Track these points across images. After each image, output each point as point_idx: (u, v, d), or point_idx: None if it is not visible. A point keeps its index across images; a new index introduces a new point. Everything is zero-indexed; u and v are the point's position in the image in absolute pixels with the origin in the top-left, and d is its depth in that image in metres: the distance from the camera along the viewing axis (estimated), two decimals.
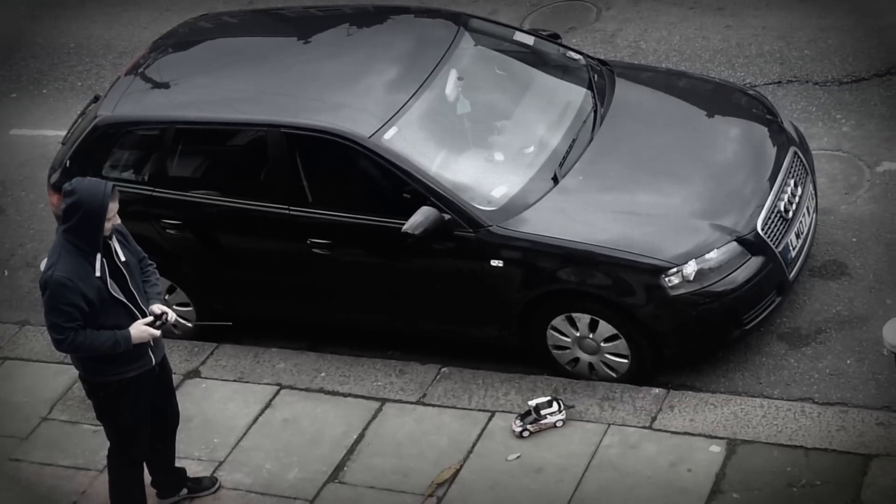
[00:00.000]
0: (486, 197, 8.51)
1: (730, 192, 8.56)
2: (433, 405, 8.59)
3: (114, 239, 7.34)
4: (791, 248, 8.56)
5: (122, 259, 7.36)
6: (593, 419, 8.24)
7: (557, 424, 8.13)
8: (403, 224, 8.34)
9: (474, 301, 8.64)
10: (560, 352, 8.64)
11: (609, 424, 8.18)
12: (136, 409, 7.59)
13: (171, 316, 7.49)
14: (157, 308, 7.45)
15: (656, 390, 8.37)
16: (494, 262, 8.41)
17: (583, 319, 8.43)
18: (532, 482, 7.92)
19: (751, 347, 8.63)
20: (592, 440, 8.09)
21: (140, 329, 7.33)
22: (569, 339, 8.55)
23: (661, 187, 8.59)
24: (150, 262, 7.69)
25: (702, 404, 8.20)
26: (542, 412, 8.14)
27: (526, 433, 8.09)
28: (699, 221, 8.36)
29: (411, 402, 8.64)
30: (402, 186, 8.50)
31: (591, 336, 8.47)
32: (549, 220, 8.42)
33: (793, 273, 8.59)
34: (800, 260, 8.67)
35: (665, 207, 8.44)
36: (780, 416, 8.02)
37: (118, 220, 7.31)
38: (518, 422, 8.14)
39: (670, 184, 8.61)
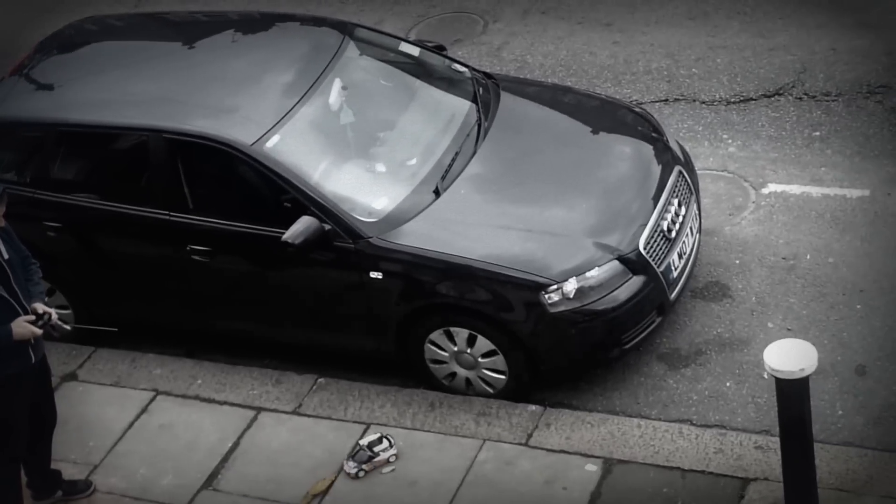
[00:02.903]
0: (367, 208, 8.41)
1: (613, 209, 8.53)
2: (309, 415, 8.50)
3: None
4: (673, 268, 8.55)
5: (6, 257, 7.29)
6: (469, 434, 8.16)
7: (391, 460, 8.00)
8: (284, 233, 8.21)
9: (353, 312, 8.54)
10: (437, 366, 8.55)
11: (485, 440, 8.11)
12: (14, 406, 7.47)
13: (54, 316, 7.38)
14: (40, 307, 7.37)
15: (533, 407, 8.31)
16: (374, 274, 8.31)
17: (461, 334, 8.35)
18: (406, 495, 7.83)
19: (630, 367, 8.61)
20: (468, 455, 8.02)
21: (21, 326, 7.24)
22: (446, 354, 8.47)
23: (544, 203, 8.54)
24: (34, 261, 7.61)
25: (578, 423, 8.16)
26: (375, 449, 8.02)
27: (361, 473, 7.95)
28: (581, 239, 8.32)
29: (287, 412, 8.55)
30: (283, 195, 8.39)
31: (468, 351, 8.40)
32: (429, 233, 8.33)
33: (674, 293, 8.57)
34: (681, 280, 8.66)
35: (547, 224, 8.39)
36: (658, 437, 7.99)
37: (3, 222, 7.28)
38: (351, 463, 7.99)
39: (553, 200, 8.56)
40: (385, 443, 8.05)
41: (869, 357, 8.36)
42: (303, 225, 8.24)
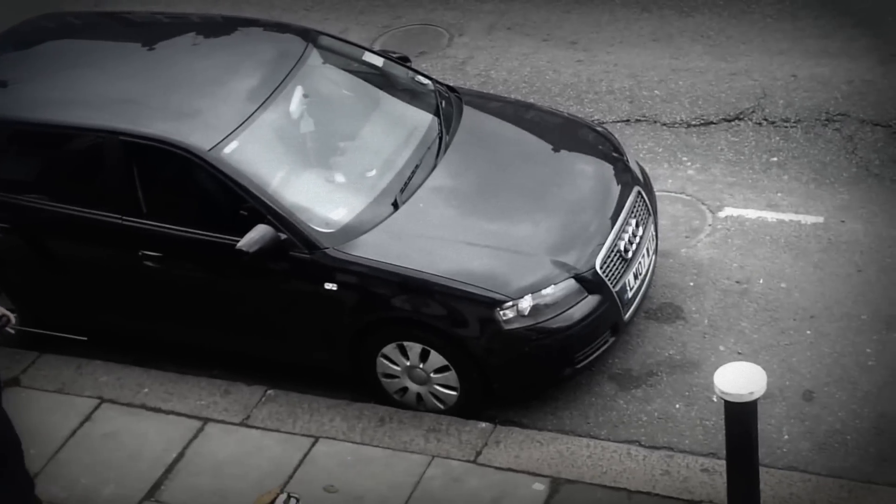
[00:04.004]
0: (324, 219, 8.38)
1: (571, 228, 8.52)
2: (257, 427, 8.44)
3: None
4: (628, 288, 8.56)
5: None
6: (418, 450, 8.13)
7: None
8: (238, 241, 8.16)
9: (306, 324, 8.50)
10: (389, 380, 8.52)
11: (433, 456, 8.08)
12: None
13: (12, 319, 7.29)
14: None
15: (483, 424, 8.29)
16: (328, 286, 8.27)
17: (414, 349, 8.32)
18: None
19: (581, 386, 8.61)
20: (416, 471, 7.99)
21: None
22: (398, 368, 8.44)
23: (502, 219, 8.53)
24: None
25: (528, 441, 8.14)
26: None
27: None
28: (538, 256, 8.31)
29: (235, 423, 8.48)
30: (240, 203, 8.33)
31: (421, 366, 8.37)
32: (386, 245, 8.30)
33: (628, 314, 8.58)
34: (636, 301, 8.66)
35: (504, 240, 8.38)
36: (606, 457, 7.99)
37: None
38: None
39: (511, 216, 8.55)
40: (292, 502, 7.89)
41: (817, 383, 8.40)
42: (258, 233, 8.19)
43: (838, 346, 8.61)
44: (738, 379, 6.85)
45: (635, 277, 8.64)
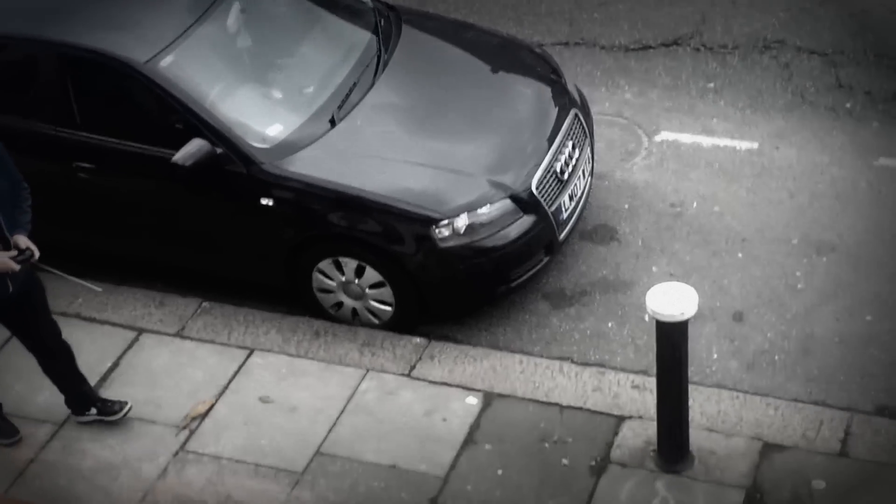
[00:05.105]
0: (261, 134, 8.37)
1: (508, 148, 8.57)
2: (191, 339, 8.48)
3: None
4: (564, 209, 8.63)
5: None
6: (352, 364, 8.21)
7: None
8: (174, 154, 8.15)
9: (242, 238, 8.51)
10: (324, 295, 8.56)
11: (368, 370, 8.16)
12: None
13: (36, 254, 7.12)
14: (23, 241, 7.11)
15: (417, 339, 8.37)
16: (265, 201, 8.28)
17: (350, 264, 8.36)
18: (286, 421, 7.87)
19: (515, 304, 8.69)
20: (350, 384, 8.07)
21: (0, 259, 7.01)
22: (334, 283, 8.48)
23: (440, 138, 8.56)
24: (25, 186, 7.31)
25: (462, 356, 8.23)
26: None
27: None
28: (474, 175, 8.36)
29: (169, 334, 8.52)
30: (176, 116, 8.30)
31: (356, 281, 8.42)
32: (323, 162, 8.32)
33: (563, 234, 8.65)
34: (571, 222, 8.74)
35: (441, 159, 8.41)
36: (538, 373, 8.09)
37: None
38: None
39: (449, 136, 8.59)
40: None
41: (747, 304, 8.53)
42: (194, 147, 8.18)
43: (768, 269, 8.74)
44: (670, 299, 6.97)
45: (571, 199, 8.70)
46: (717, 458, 7.42)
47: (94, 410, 7.94)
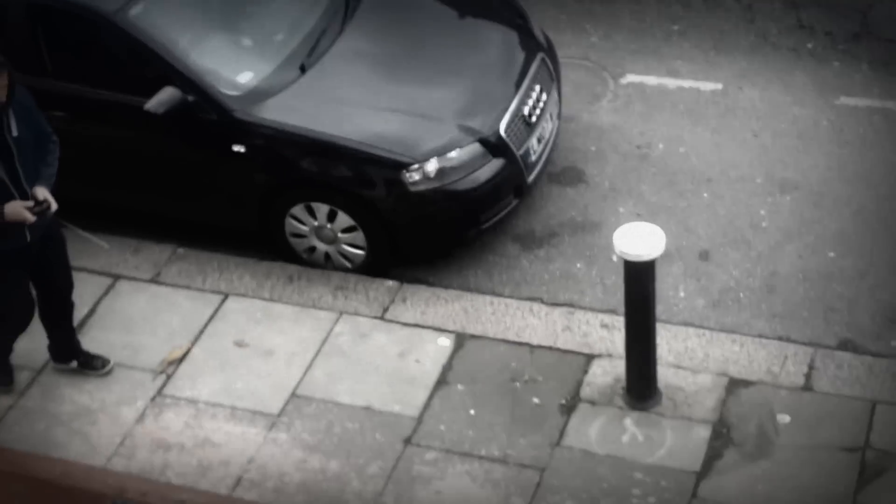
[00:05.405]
0: (232, 81, 8.44)
1: (476, 93, 8.65)
2: (167, 284, 8.57)
3: (10, 113, 6.96)
4: (532, 152, 8.74)
5: (14, 134, 6.98)
6: (326, 307, 8.32)
7: None
8: (146, 102, 8.21)
9: (215, 185, 8.60)
10: (297, 240, 8.67)
11: (341, 313, 8.28)
12: (8, 282, 7.36)
13: (53, 206, 7.12)
14: (41, 193, 7.11)
15: (390, 282, 8.49)
16: (237, 148, 8.36)
17: (322, 209, 8.46)
18: (262, 364, 7.99)
19: (486, 247, 8.81)
20: (324, 327, 8.19)
21: (15, 209, 7.01)
22: (307, 228, 8.58)
23: (409, 84, 8.64)
24: (55, 139, 7.32)
25: (434, 298, 8.36)
26: None
27: None
28: (444, 120, 8.45)
29: (145, 280, 8.61)
30: (147, 64, 8.36)
31: (329, 226, 8.52)
32: (294, 108, 8.39)
33: (532, 177, 8.77)
34: (539, 164, 8.85)
35: (411, 104, 8.49)
36: (509, 314, 8.23)
37: (3, 98, 6.89)
38: None
39: (418, 81, 8.66)
40: None
41: (712, 243, 8.68)
42: (166, 95, 8.24)
43: (733, 209, 8.89)
44: (637, 239, 7.09)
45: (539, 142, 8.81)
46: (685, 395, 7.59)
47: (75, 363, 8.04)
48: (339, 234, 8.55)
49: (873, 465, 7.11)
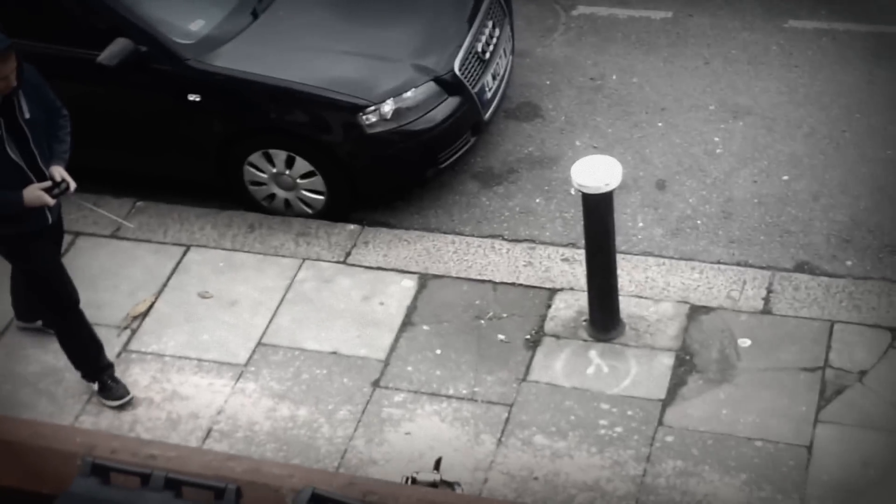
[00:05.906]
0: (184, 30, 8.41)
1: (429, 32, 8.66)
2: (127, 239, 8.57)
3: (20, 95, 6.84)
4: (487, 89, 8.76)
5: (27, 116, 6.86)
6: (288, 254, 8.36)
7: None
8: (98, 55, 8.17)
9: (172, 136, 8.58)
10: (256, 188, 8.68)
11: (304, 259, 8.32)
12: (46, 258, 7.28)
13: (72, 185, 7.01)
14: (58, 174, 6.99)
15: (351, 226, 8.53)
16: (192, 97, 8.35)
17: (279, 156, 8.47)
18: (227, 315, 8.02)
19: (445, 186, 8.86)
20: (287, 274, 8.23)
21: (34, 195, 6.91)
22: (265, 176, 8.59)
23: (361, 26, 8.63)
24: (65, 113, 7.21)
25: (395, 240, 8.41)
26: None
27: None
28: (398, 60, 8.46)
29: (105, 236, 8.61)
30: (98, 17, 8.31)
31: (287, 172, 8.54)
32: (248, 55, 8.38)
33: (488, 114, 8.80)
34: (495, 101, 8.88)
35: (364, 46, 8.50)
36: (471, 252, 8.30)
37: (14, 82, 6.75)
38: None
39: (370, 23, 8.65)
40: None
41: (668, 172, 8.76)
42: (118, 46, 8.19)
43: (688, 137, 8.96)
44: (594, 171, 7.14)
45: (493, 78, 8.84)
46: (647, 324, 7.69)
47: (39, 322, 8.03)
48: (298, 180, 8.57)
49: (833, 383, 7.24)
